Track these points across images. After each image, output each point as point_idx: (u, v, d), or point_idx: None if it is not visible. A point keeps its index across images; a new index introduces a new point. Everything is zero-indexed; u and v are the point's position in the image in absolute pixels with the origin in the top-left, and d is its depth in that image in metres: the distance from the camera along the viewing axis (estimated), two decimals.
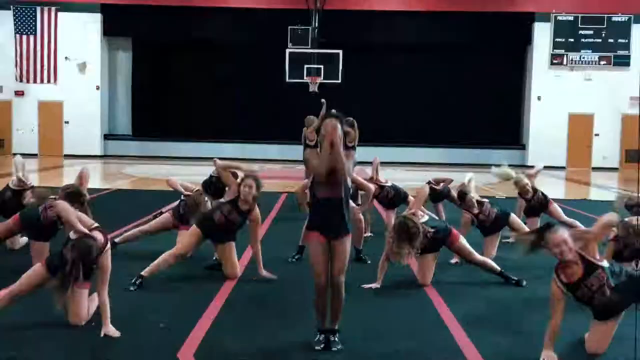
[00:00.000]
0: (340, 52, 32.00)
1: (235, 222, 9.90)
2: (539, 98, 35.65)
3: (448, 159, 29.39)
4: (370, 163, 14.92)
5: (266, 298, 8.98)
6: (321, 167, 6.86)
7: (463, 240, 9.88)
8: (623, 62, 35.12)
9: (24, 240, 11.18)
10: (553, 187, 15.23)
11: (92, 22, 35.77)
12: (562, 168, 34.82)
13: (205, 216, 10.02)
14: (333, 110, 7.45)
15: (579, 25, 35.09)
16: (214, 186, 12.56)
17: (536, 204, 13.26)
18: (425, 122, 36.67)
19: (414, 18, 35.41)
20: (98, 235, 7.45)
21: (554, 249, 6.69)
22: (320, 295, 7.09)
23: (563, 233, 6.71)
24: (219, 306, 8.51)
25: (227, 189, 10.35)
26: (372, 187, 11.83)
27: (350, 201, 8.36)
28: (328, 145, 6.72)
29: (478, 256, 9.89)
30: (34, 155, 33.98)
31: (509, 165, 14.01)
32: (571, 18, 35.03)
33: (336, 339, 7.12)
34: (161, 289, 9.30)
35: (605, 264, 6.86)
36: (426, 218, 9.72)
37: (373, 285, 9.45)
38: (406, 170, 28.48)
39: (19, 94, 35.74)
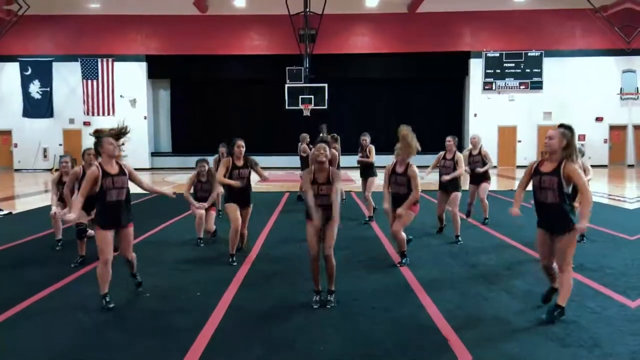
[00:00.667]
0: (326, 85, 31.96)
1: (246, 175, 9.76)
2: (475, 115, 35.66)
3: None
4: (349, 167, 15.16)
5: (276, 272, 8.93)
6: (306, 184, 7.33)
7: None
8: (537, 86, 35.19)
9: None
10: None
11: (139, 69, 35.79)
12: (494, 167, 34.91)
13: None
14: (323, 135, 7.65)
15: (504, 60, 35.13)
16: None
17: (478, 176, 13.32)
18: (392, 136, 36.69)
19: (380, 58, 35.35)
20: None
21: (547, 139, 6.56)
22: (313, 262, 7.23)
23: (559, 134, 6.49)
24: (241, 278, 8.49)
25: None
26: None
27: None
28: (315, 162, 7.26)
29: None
30: None
31: None
32: (498, 54, 35.09)
33: (332, 298, 7.25)
34: (195, 267, 9.29)
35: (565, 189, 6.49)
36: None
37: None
38: (379, 171, 28.57)
39: (87, 124, 35.62)
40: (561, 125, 6.59)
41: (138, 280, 7.90)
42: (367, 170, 14.39)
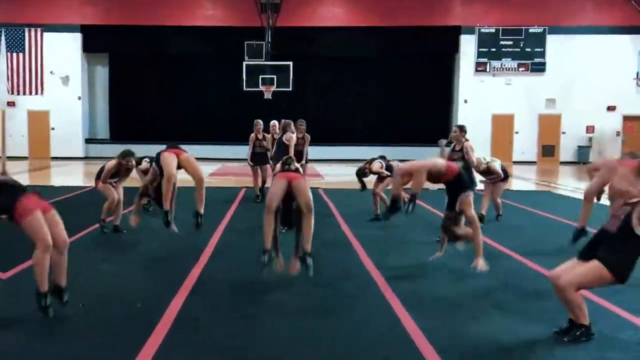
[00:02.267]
0: (291, 64, 32.05)
1: None
2: (465, 101, 35.69)
3: (388, 156, 29.12)
4: (318, 160, 15.18)
5: (238, 266, 8.78)
6: None
7: None
8: (539, 68, 35.30)
9: None
10: (479, 179, 15.16)
11: (73, 41, 35.57)
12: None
13: None
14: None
15: (500, 37, 35.22)
16: None
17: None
18: (367, 124, 36.59)
19: (353, 32, 35.30)
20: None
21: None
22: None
23: None
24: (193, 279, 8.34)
25: None
26: None
27: None
28: None
29: None
30: (24, 158, 34.61)
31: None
32: (493, 30, 35.16)
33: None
34: (149, 263, 9.14)
35: None
36: None
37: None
38: (352, 166, 28.59)
39: (11, 104, 35.31)
40: None
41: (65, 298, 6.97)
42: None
